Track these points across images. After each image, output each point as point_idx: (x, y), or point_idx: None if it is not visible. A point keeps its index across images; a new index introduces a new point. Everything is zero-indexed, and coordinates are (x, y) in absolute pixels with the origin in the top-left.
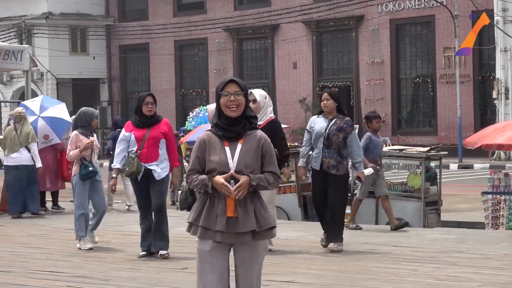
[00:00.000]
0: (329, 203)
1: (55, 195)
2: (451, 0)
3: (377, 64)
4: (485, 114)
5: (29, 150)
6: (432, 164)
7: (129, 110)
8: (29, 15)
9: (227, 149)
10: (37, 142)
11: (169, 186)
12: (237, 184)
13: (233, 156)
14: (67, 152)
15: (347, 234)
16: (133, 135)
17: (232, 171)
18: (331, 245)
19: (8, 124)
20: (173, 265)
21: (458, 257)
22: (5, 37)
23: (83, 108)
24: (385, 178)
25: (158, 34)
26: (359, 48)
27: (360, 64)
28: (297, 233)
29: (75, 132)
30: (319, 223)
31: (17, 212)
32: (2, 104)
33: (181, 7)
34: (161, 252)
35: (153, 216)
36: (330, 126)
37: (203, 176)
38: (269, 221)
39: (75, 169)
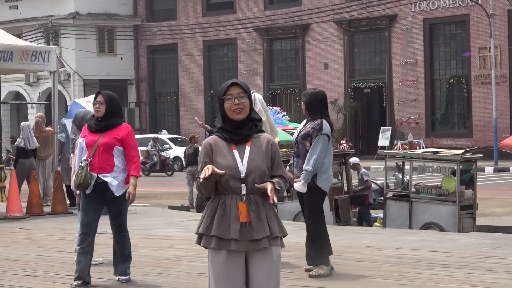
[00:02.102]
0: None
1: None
2: None
3: (410, 65)
4: None
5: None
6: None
7: (157, 112)
8: (56, 15)
9: (235, 152)
10: None
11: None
12: (269, 189)
13: (242, 159)
14: (72, 159)
15: (379, 237)
16: (84, 141)
17: (242, 174)
18: (311, 268)
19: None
20: (202, 270)
21: (494, 263)
22: (32, 38)
23: (78, 111)
24: (420, 182)
25: (187, 34)
26: (392, 48)
27: (393, 64)
28: (330, 237)
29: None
30: (351, 227)
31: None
32: (29, 105)
33: (210, 6)
34: (122, 277)
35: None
36: (299, 132)
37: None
38: (282, 228)
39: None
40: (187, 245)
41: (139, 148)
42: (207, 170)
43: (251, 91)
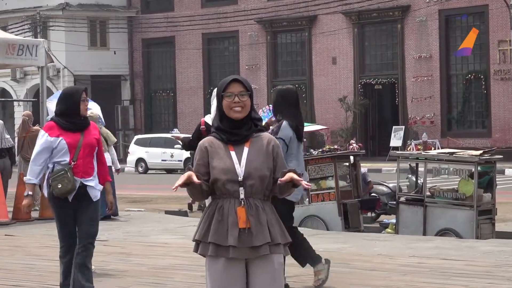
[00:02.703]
0: None
1: None
2: None
3: (424, 59)
4: None
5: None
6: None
7: (153, 110)
8: (44, 6)
9: (233, 153)
10: None
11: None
12: (295, 177)
13: (240, 160)
14: None
15: (391, 245)
16: (63, 141)
17: (240, 177)
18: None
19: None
20: (201, 279)
21: None
22: (18, 31)
23: None
24: (435, 185)
25: (185, 26)
26: (405, 42)
27: (406, 59)
28: (337, 244)
29: None
30: (360, 233)
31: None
32: (15, 103)
33: None
34: None
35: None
36: None
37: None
38: (284, 234)
39: None
40: (185, 253)
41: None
42: (182, 179)
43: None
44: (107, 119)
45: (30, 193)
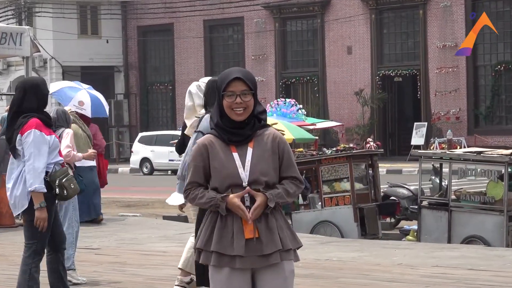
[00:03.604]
0: None
1: None
2: None
3: (449, 48)
4: None
5: None
6: None
7: (149, 105)
8: None
9: (235, 155)
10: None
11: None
12: (253, 207)
13: (243, 164)
14: (66, 149)
15: (413, 253)
16: (57, 140)
17: (245, 183)
18: None
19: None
20: None
21: None
22: (1, 17)
23: (59, 107)
24: (461, 187)
25: (185, 12)
26: (428, 29)
27: (429, 48)
28: (353, 253)
29: (70, 130)
30: (378, 241)
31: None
32: None
33: None
34: None
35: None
36: None
37: (212, 193)
38: (295, 239)
39: None
40: None
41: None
42: (244, 215)
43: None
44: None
45: (44, 204)
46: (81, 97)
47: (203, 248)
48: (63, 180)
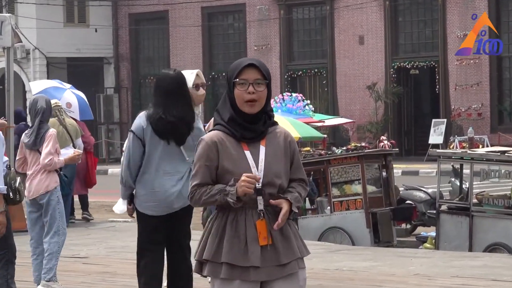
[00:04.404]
0: None
1: (85, 200)
2: None
3: None
4: None
5: (74, 146)
6: None
7: (142, 99)
8: None
9: (248, 154)
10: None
11: None
12: (282, 214)
13: (257, 163)
14: (47, 157)
15: (431, 262)
16: (2, 138)
17: (259, 184)
18: None
19: None
20: None
21: None
22: None
23: (40, 96)
24: (483, 190)
25: None
26: (447, 17)
27: (449, 38)
28: (365, 262)
29: (54, 130)
30: (393, 249)
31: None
32: None
33: None
34: None
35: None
36: None
37: (220, 185)
38: (305, 246)
39: (53, 179)
40: None
41: None
42: (246, 184)
43: (196, 71)
44: None
45: (5, 208)
46: (68, 98)
47: (211, 259)
48: (17, 184)
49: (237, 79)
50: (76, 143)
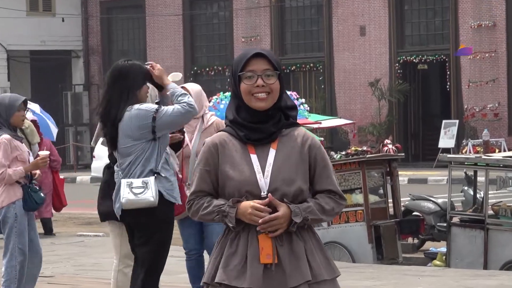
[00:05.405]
0: None
1: (49, 224)
2: None
3: (486, 29)
4: None
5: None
6: None
7: None
8: None
9: (254, 157)
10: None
11: None
12: (272, 216)
13: (263, 169)
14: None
15: (441, 281)
16: None
17: (264, 192)
18: None
19: None
20: None
21: None
22: None
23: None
24: (500, 200)
25: None
26: (459, 5)
27: (461, 28)
28: (367, 281)
29: (6, 136)
30: (398, 266)
31: None
32: None
33: None
34: None
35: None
36: None
37: (222, 201)
38: (331, 266)
39: (10, 193)
40: None
41: None
42: (257, 212)
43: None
44: (51, 110)
45: None
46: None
47: (209, 282)
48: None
49: (243, 72)
50: (33, 148)
